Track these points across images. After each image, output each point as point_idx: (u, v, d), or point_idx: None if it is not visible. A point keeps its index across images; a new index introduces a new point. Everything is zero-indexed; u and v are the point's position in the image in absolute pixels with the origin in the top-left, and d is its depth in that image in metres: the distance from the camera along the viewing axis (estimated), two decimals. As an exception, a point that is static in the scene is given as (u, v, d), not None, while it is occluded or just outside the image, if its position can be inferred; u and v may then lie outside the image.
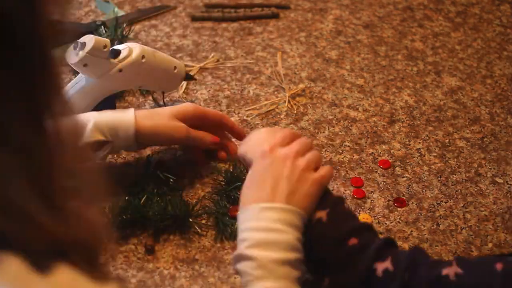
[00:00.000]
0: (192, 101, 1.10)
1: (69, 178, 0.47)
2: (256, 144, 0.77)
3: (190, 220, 0.87)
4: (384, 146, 1.02)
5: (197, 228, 0.87)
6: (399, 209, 0.92)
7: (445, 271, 0.65)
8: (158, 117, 0.89)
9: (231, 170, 0.93)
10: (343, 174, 0.97)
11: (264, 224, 0.68)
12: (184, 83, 1.11)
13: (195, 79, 1.10)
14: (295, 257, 0.68)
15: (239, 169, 0.93)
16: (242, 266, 0.68)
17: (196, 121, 0.92)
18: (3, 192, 0.43)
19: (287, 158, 0.73)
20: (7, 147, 0.43)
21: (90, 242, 0.49)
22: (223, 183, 0.92)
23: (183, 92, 1.11)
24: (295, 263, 0.68)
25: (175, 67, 1.00)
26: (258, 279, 0.66)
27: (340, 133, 1.04)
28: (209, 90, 1.12)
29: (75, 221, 0.47)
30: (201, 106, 0.98)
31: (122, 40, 1.16)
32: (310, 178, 0.74)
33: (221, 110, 1.07)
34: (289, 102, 1.09)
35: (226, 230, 0.87)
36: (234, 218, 0.86)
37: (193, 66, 1.16)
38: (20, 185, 0.44)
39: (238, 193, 0.87)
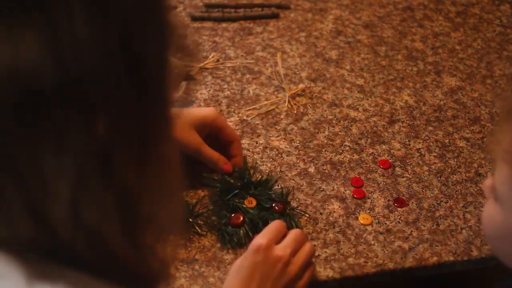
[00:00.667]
0: (192, 101, 1.10)
1: (156, 211, 0.47)
2: (259, 235, 0.79)
3: (190, 220, 0.87)
4: (384, 146, 1.02)
5: (197, 228, 0.87)
6: (399, 209, 0.92)
7: None
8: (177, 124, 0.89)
9: (226, 177, 0.92)
10: (343, 174, 0.97)
11: None
12: (184, 83, 1.10)
13: (195, 79, 1.10)
14: None
15: (234, 176, 0.92)
16: None
17: (211, 131, 0.92)
18: (98, 230, 0.42)
19: (279, 261, 0.76)
20: (112, 187, 0.42)
21: (156, 277, 0.49)
22: (219, 193, 0.91)
23: (183, 92, 1.11)
24: None
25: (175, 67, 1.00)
26: None
27: (340, 133, 1.04)
28: (209, 90, 1.12)
29: (150, 257, 0.47)
30: (222, 117, 0.94)
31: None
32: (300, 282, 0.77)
33: (221, 110, 1.07)
34: (289, 102, 1.09)
35: (232, 240, 0.86)
36: (237, 226, 0.86)
37: (193, 66, 1.16)
38: (114, 223, 0.43)
39: (236, 200, 0.88)
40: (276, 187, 0.93)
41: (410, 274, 0.86)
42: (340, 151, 1.01)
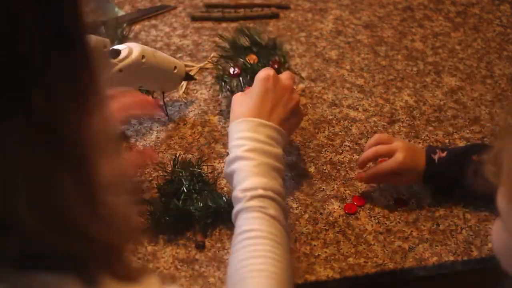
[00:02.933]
0: (192, 101, 1.10)
1: (106, 174, 0.47)
2: (264, 68, 0.88)
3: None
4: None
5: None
6: (399, 209, 0.92)
7: None
8: None
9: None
10: (343, 174, 0.97)
11: (260, 136, 0.80)
12: (184, 83, 1.10)
13: (195, 79, 1.10)
14: (282, 168, 0.80)
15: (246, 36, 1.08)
16: (239, 165, 0.78)
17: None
18: (54, 205, 0.42)
19: (286, 89, 0.86)
20: (55, 139, 0.41)
21: (124, 240, 0.48)
22: (228, 48, 1.08)
23: (183, 92, 1.11)
24: (281, 172, 0.80)
25: (175, 67, 1.01)
26: (254, 175, 0.76)
27: (340, 133, 1.04)
28: (209, 90, 1.12)
29: (114, 220, 0.46)
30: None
31: (122, 40, 1.16)
32: (299, 112, 0.89)
33: (221, 110, 1.07)
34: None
35: (226, 87, 1.04)
36: (234, 76, 1.03)
37: (193, 66, 1.16)
38: (67, 186, 0.42)
39: (241, 56, 1.05)
40: (278, 52, 1.08)
41: (410, 274, 0.86)
42: (340, 151, 1.01)
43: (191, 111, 1.08)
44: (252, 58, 1.06)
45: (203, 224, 0.87)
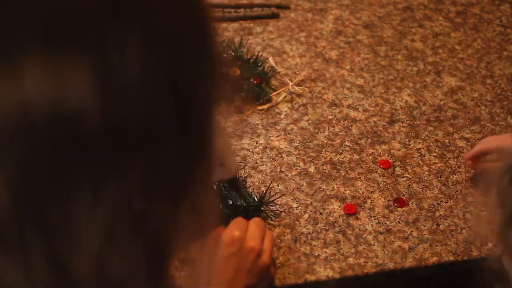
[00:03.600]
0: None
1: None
2: (229, 228, 0.79)
3: (262, 209, 0.89)
4: (384, 146, 1.02)
5: (271, 216, 0.88)
6: (399, 209, 0.92)
7: None
8: None
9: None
10: (343, 174, 0.97)
11: None
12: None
13: (239, 193, 0.93)
14: None
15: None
16: None
17: None
18: (122, 281, 0.39)
19: (252, 251, 0.77)
20: (141, 237, 0.38)
21: None
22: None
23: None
24: None
25: (222, 164, 0.87)
26: None
27: (340, 133, 1.04)
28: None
29: None
30: None
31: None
32: (266, 276, 0.80)
33: (221, 110, 1.07)
34: (292, 93, 1.09)
35: None
36: None
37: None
38: (140, 275, 0.39)
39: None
40: (259, 68, 1.12)
41: (410, 274, 0.86)
42: (340, 151, 1.01)
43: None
44: (234, 71, 1.08)
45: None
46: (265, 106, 1.08)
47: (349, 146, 1.02)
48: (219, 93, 0.41)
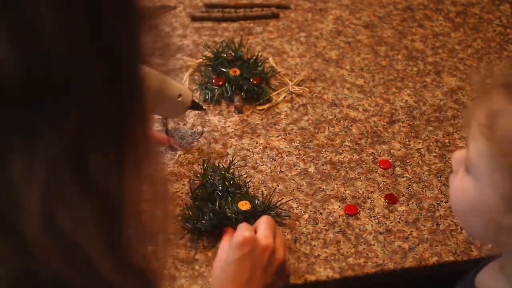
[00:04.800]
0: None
1: (139, 224, 0.44)
2: (238, 230, 0.79)
3: (271, 213, 0.88)
4: (384, 146, 1.02)
5: (278, 220, 0.88)
6: (399, 209, 0.92)
7: None
8: None
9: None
10: (343, 174, 0.97)
11: None
12: (189, 111, 1.04)
13: (204, 109, 1.05)
14: None
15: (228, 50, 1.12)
16: None
17: None
18: (74, 238, 0.38)
19: (266, 250, 0.77)
20: (89, 192, 0.38)
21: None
22: (212, 60, 1.12)
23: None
24: None
25: (179, 95, 0.94)
26: None
27: (340, 133, 1.04)
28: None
29: (136, 273, 0.44)
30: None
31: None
32: (285, 272, 0.80)
33: (221, 110, 1.07)
34: (292, 93, 1.09)
35: (211, 95, 1.08)
36: (217, 86, 1.08)
37: (192, 62, 1.16)
38: (92, 231, 0.39)
39: (223, 68, 1.09)
40: (259, 68, 1.12)
41: (410, 274, 0.86)
42: (340, 151, 1.01)
43: (191, 111, 1.08)
44: (234, 71, 1.09)
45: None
46: (265, 106, 1.08)
47: (349, 146, 1.02)
48: (146, 39, 0.41)
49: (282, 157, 0.99)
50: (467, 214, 0.63)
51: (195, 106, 1.00)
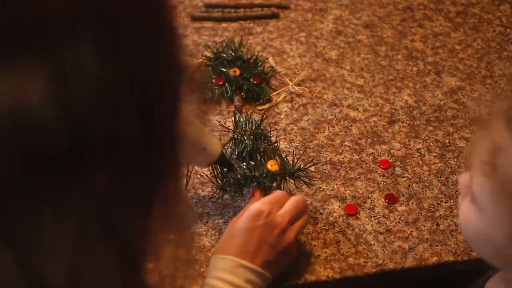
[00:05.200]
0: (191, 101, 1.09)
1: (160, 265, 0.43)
2: (261, 200, 0.80)
3: (296, 175, 0.89)
4: (384, 146, 1.02)
5: (307, 182, 0.90)
6: (399, 209, 0.92)
7: None
8: None
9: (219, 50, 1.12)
10: (343, 174, 0.97)
11: (238, 281, 0.73)
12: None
13: (233, 170, 0.89)
14: None
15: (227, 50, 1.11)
16: None
17: None
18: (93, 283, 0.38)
19: (276, 227, 0.78)
20: (113, 244, 0.37)
21: None
22: (211, 59, 1.11)
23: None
24: None
25: (204, 149, 0.83)
26: None
27: (340, 133, 1.04)
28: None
29: None
30: None
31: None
32: (289, 255, 0.80)
33: (221, 110, 1.07)
34: (292, 93, 1.09)
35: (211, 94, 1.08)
36: (217, 86, 1.07)
37: (192, 62, 1.16)
38: (113, 282, 0.38)
39: (223, 68, 1.08)
40: (259, 68, 1.12)
41: (410, 274, 0.86)
42: (340, 151, 1.01)
43: (191, 111, 1.07)
44: (234, 71, 1.09)
45: (268, 187, 0.87)
46: (265, 106, 1.08)
47: (349, 146, 1.02)
48: (185, 95, 0.40)
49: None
50: (474, 241, 0.63)
51: (223, 162, 0.87)
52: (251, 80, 1.09)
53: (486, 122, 0.59)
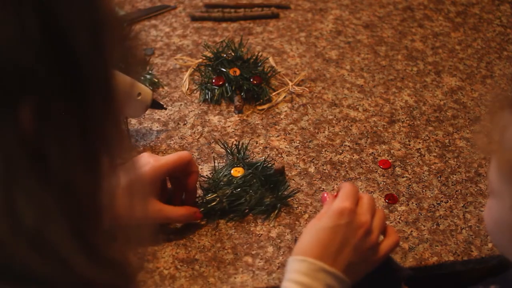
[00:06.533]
0: (192, 101, 1.09)
1: (116, 223, 0.43)
2: (340, 196, 0.74)
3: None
4: (384, 146, 1.02)
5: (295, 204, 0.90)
6: (399, 209, 0.92)
7: None
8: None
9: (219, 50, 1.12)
10: (343, 174, 0.97)
11: (317, 285, 0.67)
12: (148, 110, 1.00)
13: (165, 108, 1.03)
14: None
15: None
16: None
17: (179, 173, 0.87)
18: (41, 231, 0.38)
19: (361, 227, 0.71)
20: (50, 185, 0.38)
21: (119, 285, 0.45)
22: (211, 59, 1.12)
23: (187, 90, 1.11)
24: None
25: (139, 94, 0.94)
26: None
27: (340, 133, 1.04)
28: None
29: (110, 266, 0.43)
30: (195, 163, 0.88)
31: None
32: (372, 259, 0.73)
33: (221, 110, 1.07)
34: (292, 93, 1.09)
35: (210, 95, 1.09)
36: (217, 86, 1.08)
37: (191, 62, 1.16)
38: (59, 225, 0.39)
39: (223, 68, 1.09)
40: (259, 68, 1.12)
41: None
42: (340, 151, 1.01)
43: (191, 111, 1.08)
44: (234, 71, 1.09)
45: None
46: (265, 106, 1.08)
47: (349, 146, 1.02)
48: (114, 46, 0.41)
49: (282, 157, 0.99)
50: (495, 234, 0.64)
51: (155, 105, 0.98)
52: (251, 80, 1.09)
53: (493, 114, 0.61)
